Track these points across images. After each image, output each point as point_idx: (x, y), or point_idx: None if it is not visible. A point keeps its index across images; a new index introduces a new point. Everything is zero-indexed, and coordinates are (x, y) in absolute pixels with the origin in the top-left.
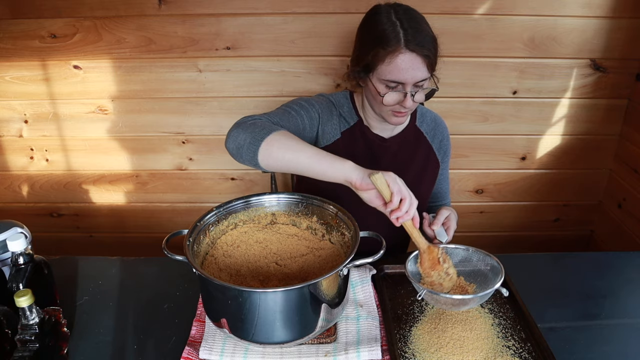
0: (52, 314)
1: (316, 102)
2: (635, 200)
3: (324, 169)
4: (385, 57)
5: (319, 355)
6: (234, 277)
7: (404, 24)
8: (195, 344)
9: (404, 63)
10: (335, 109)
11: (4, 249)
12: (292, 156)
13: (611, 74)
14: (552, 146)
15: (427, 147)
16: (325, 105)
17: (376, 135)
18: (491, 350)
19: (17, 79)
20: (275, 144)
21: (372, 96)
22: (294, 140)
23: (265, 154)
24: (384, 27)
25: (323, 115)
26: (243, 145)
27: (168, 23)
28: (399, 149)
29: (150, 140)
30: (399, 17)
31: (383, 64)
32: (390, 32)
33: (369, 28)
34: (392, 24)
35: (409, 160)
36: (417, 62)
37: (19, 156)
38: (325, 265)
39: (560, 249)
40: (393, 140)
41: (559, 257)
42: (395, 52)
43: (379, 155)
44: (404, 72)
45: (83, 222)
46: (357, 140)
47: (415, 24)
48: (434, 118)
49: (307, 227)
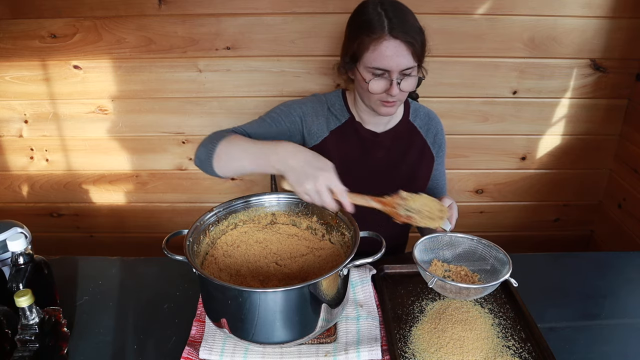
0: (52, 314)
1: (299, 105)
2: (635, 200)
3: (264, 168)
4: (370, 45)
5: (319, 355)
6: (234, 277)
7: (389, 13)
8: (195, 344)
9: (388, 50)
10: (325, 108)
11: (4, 249)
12: (238, 164)
13: (611, 74)
14: (552, 146)
15: (421, 142)
16: (311, 106)
17: (368, 131)
18: (491, 350)
19: (17, 79)
20: (223, 156)
21: (360, 86)
22: (237, 147)
23: (219, 166)
24: (370, 17)
25: (307, 117)
26: (203, 160)
27: (168, 23)
28: (392, 143)
29: (150, 140)
30: (384, 7)
31: (368, 51)
32: (376, 20)
33: (356, 19)
34: (378, 13)
35: (402, 154)
36: (401, 49)
37: (19, 156)
38: (325, 265)
39: (560, 249)
40: (386, 135)
41: (559, 257)
42: (380, 39)
43: (372, 150)
44: (388, 59)
45: (83, 222)
46: (348, 137)
47: (401, 13)
48: (427, 113)
49: (307, 227)
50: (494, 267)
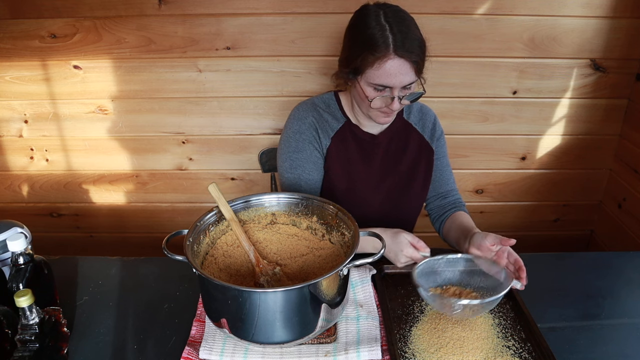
0: (52, 314)
1: (302, 140)
2: (635, 200)
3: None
4: (375, 63)
5: (319, 355)
6: (234, 277)
7: (393, 28)
8: (195, 344)
9: (393, 69)
10: (319, 118)
11: (4, 249)
12: None
13: (611, 74)
14: (552, 146)
15: (418, 137)
16: (308, 130)
17: (366, 133)
18: (491, 350)
19: (17, 79)
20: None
21: (360, 98)
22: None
23: None
24: (373, 32)
25: (313, 141)
26: None
27: (168, 23)
28: (390, 143)
29: (150, 140)
30: (387, 19)
31: (372, 68)
32: (379, 37)
33: (358, 30)
34: (381, 27)
35: (401, 152)
36: (405, 68)
37: (19, 156)
38: (325, 265)
39: (560, 249)
40: (384, 136)
41: (559, 257)
42: (384, 58)
43: (372, 152)
44: (392, 77)
45: (83, 222)
46: (348, 141)
47: (405, 27)
48: (419, 108)
49: (307, 227)
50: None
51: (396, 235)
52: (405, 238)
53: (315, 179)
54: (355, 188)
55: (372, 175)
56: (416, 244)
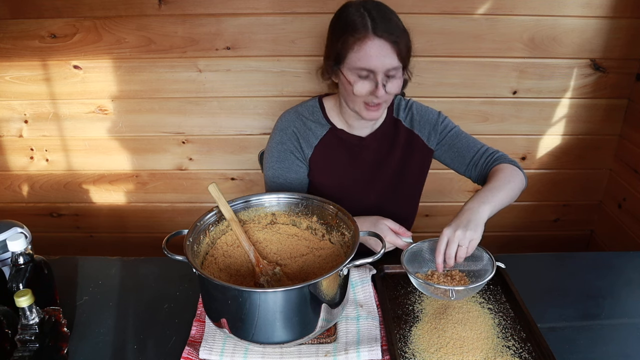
0: (52, 314)
1: (283, 151)
2: (635, 200)
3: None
4: (354, 45)
5: (319, 355)
6: (234, 277)
7: (372, 13)
8: (195, 344)
9: (373, 50)
10: (301, 127)
11: (4, 249)
12: None
13: (611, 74)
14: (552, 146)
15: (408, 133)
16: (290, 141)
17: (354, 136)
18: (491, 350)
19: (17, 79)
20: None
21: (345, 88)
22: None
23: None
24: (353, 17)
25: (295, 151)
26: None
27: (168, 23)
28: (379, 144)
29: (150, 140)
30: (367, 8)
31: (352, 51)
32: (359, 21)
33: (338, 20)
34: (361, 14)
35: (389, 151)
36: (386, 49)
37: (19, 156)
38: (325, 265)
39: (560, 249)
40: (372, 137)
41: (559, 257)
42: (364, 39)
43: (360, 154)
44: (373, 59)
45: (83, 222)
46: (333, 147)
47: (384, 14)
48: (409, 105)
49: (307, 227)
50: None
51: (376, 222)
52: (386, 225)
53: (297, 189)
54: (345, 192)
55: (362, 177)
56: (397, 230)
